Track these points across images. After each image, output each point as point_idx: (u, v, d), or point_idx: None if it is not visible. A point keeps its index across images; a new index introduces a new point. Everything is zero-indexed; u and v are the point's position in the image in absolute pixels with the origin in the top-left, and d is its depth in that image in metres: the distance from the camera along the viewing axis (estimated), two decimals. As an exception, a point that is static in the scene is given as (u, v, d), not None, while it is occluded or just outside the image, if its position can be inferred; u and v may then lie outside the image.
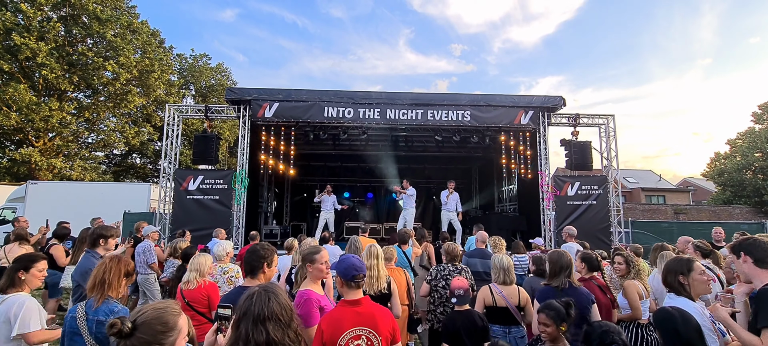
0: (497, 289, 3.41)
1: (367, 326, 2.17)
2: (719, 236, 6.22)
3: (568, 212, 9.33)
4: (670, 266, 2.59)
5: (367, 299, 2.32)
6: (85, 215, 7.85)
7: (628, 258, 3.76)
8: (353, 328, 2.15)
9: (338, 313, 2.23)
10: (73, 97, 20.19)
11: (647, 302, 3.52)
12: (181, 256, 4.88)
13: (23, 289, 2.73)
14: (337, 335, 2.11)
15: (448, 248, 4.35)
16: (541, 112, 9.67)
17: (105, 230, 3.87)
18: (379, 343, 2.17)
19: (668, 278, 2.55)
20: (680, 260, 2.62)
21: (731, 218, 22.33)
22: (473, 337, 3.03)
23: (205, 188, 9.21)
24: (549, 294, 3.07)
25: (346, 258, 2.39)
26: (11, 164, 17.95)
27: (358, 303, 2.25)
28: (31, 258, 2.87)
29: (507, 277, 3.45)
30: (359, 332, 2.15)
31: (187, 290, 3.43)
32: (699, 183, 33.85)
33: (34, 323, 2.55)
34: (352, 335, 2.13)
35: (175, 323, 1.52)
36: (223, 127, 24.53)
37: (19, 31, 16.42)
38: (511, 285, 3.46)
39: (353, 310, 2.22)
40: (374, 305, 2.34)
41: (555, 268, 3.16)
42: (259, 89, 9.48)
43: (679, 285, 2.48)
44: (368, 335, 2.15)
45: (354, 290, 2.29)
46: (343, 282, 2.31)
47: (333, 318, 2.20)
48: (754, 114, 27.34)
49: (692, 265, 2.53)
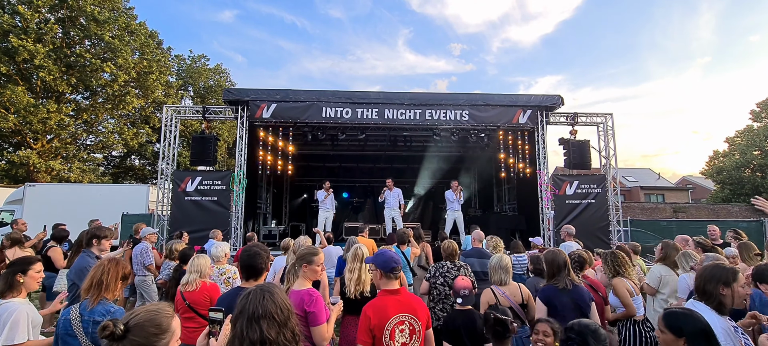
0: (499, 290, 3.40)
1: (409, 313, 2.39)
2: (714, 234, 6.20)
3: (567, 211, 9.32)
4: (713, 273, 2.30)
5: (404, 289, 2.53)
6: (83, 217, 7.83)
7: (606, 256, 3.76)
8: (398, 314, 2.36)
9: (382, 301, 2.41)
10: (71, 99, 20.13)
11: (639, 298, 3.53)
12: (178, 257, 4.86)
13: (21, 292, 2.70)
14: (384, 321, 2.31)
15: (445, 246, 4.36)
16: (539, 111, 9.66)
17: (99, 230, 3.86)
18: (420, 327, 2.40)
19: (708, 286, 2.27)
20: (724, 268, 2.33)
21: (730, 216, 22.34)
22: (473, 337, 3.02)
23: (203, 189, 9.19)
24: (552, 293, 3.07)
25: (383, 252, 2.61)
26: (9, 166, 17.89)
27: (398, 292, 2.46)
28: (27, 261, 2.84)
29: (505, 277, 3.45)
30: (403, 318, 2.36)
31: (188, 292, 3.40)
32: (698, 181, 33.89)
33: (21, 334, 2.48)
34: (397, 320, 2.34)
35: (168, 326, 1.51)
36: (222, 128, 24.50)
37: (17, 33, 16.39)
38: (510, 284, 3.46)
39: (395, 298, 2.42)
40: (410, 294, 2.54)
41: (552, 268, 3.16)
42: (257, 90, 9.46)
43: (719, 296, 2.22)
44: (411, 320, 2.38)
45: (393, 280, 2.49)
46: (383, 274, 2.50)
47: (378, 306, 2.39)
48: (753, 112, 27.37)
49: (737, 275, 2.29)
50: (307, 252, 2.73)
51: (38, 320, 2.66)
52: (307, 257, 2.68)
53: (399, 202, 9.79)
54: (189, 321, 3.32)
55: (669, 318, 1.89)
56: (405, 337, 2.33)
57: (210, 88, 28.16)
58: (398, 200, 9.78)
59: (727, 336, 2.07)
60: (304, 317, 2.38)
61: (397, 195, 9.79)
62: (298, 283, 2.62)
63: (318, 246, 5.01)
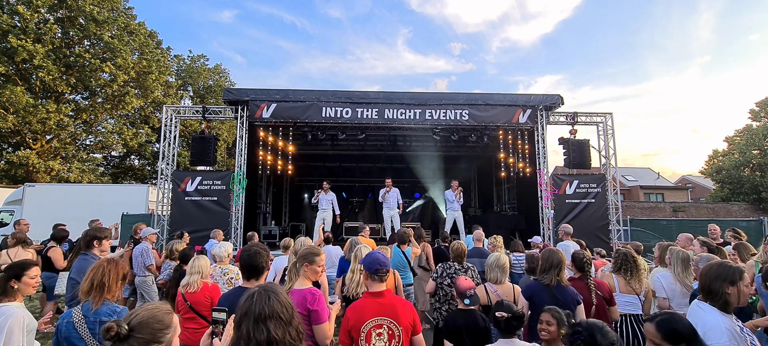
0: (492, 288, 3.41)
1: (389, 316, 2.35)
2: (715, 233, 6.18)
3: (567, 210, 9.33)
4: (717, 272, 2.28)
5: (390, 292, 2.50)
6: (83, 218, 7.82)
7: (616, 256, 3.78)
8: (375, 317, 2.33)
9: (362, 303, 2.43)
10: (71, 99, 20.11)
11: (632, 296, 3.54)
12: (178, 257, 4.85)
13: (16, 298, 2.63)
14: (360, 323, 2.31)
15: (454, 247, 4.36)
16: (539, 110, 9.67)
17: (98, 231, 3.85)
18: (400, 332, 2.33)
19: (713, 285, 2.24)
20: (729, 267, 2.30)
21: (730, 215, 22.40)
22: (475, 337, 3.02)
23: (203, 189, 9.19)
24: (535, 289, 3.09)
25: (372, 254, 2.60)
26: (9, 167, 17.87)
27: (381, 295, 2.43)
28: (22, 265, 2.76)
29: (501, 276, 3.46)
30: (381, 322, 2.33)
31: (189, 292, 3.40)
32: (697, 180, 33.93)
33: (16, 340, 2.43)
34: (374, 323, 2.32)
35: (170, 321, 1.55)
36: (221, 128, 24.49)
37: (16, 33, 16.36)
38: (504, 284, 3.47)
39: (376, 301, 2.40)
40: (396, 297, 2.52)
41: (545, 265, 3.17)
42: (257, 90, 9.45)
43: (724, 295, 2.19)
44: (389, 324, 2.33)
45: (377, 283, 2.47)
46: (368, 275, 2.51)
47: (357, 308, 2.39)
48: (752, 111, 27.42)
49: (743, 274, 2.26)
50: (309, 252, 2.73)
51: (33, 325, 2.60)
52: (309, 256, 2.68)
53: (398, 202, 9.80)
54: (190, 322, 3.32)
55: (662, 325, 1.81)
56: (383, 341, 2.30)
57: (209, 88, 28.15)
58: (397, 200, 9.79)
59: (731, 336, 2.03)
60: (307, 315, 2.39)
61: (396, 195, 9.80)
62: (299, 282, 2.62)
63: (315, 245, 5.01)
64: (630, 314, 3.49)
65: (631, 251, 3.77)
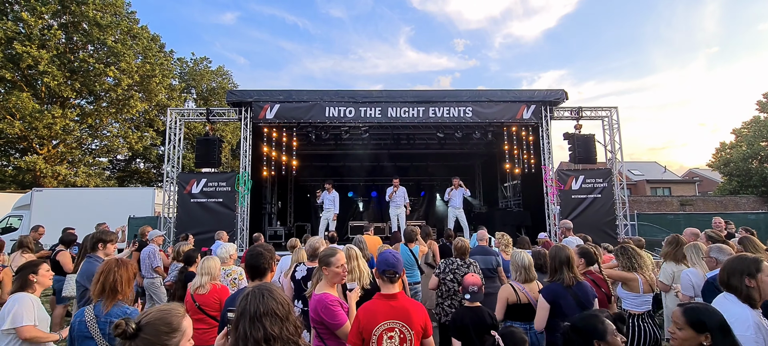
0: (520, 286, 3.39)
1: (401, 320, 2.29)
2: (719, 226, 6.09)
3: (573, 206, 9.27)
4: (735, 266, 2.25)
5: (402, 294, 2.43)
6: (90, 221, 7.88)
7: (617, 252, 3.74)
8: (387, 320, 2.28)
9: (374, 305, 2.36)
10: (76, 104, 20.31)
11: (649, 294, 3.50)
12: (183, 259, 4.88)
13: (35, 290, 2.90)
14: (371, 326, 2.26)
15: (457, 244, 4.39)
16: (543, 106, 9.61)
17: (104, 234, 3.90)
18: (412, 336, 2.28)
19: (732, 280, 2.21)
20: (745, 259, 2.27)
21: (738, 208, 22.16)
22: (481, 334, 3.01)
23: (208, 191, 9.23)
24: (558, 292, 3.04)
25: (386, 253, 2.55)
26: (16, 172, 18.10)
27: (394, 297, 2.37)
28: (35, 263, 3.02)
29: (528, 275, 3.43)
30: (393, 325, 2.28)
31: (199, 294, 3.44)
32: (704, 174, 33.59)
33: (28, 317, 2.68)
34: (385, 327, 2.27)
35: (179, 325, 1.54)
36: (226, 130, 24.60)
37: (21, 39, 16.52)
38: (532, 282, 3.44)
39: (388, 303, 2.34)
40: (409, 299, 2.45)
41: (554, 263, 3.11)
42: (260, 91, 9.48)
43: (746, 288, 2.15)
44: (401, 328, 2.29)
45: (388, 284, 2.42)
46: (378, 275, 2.49)
47: (369, 310, 2.33)
48: (760, 103, 27.04)
49: (760, 265, 2.22)
50: (324, 254, 2.69)
51: (45, 317, 2.83)
52: (324, 259, 2.65)
53: (405, 200, 9.76)
54: (198, 322, 3.35)
55: (690, 313, 1.80)
56: (394, 344, 2.27)
57: (213, 90, 28.29)
58: (404, 199, 9.76)
59: (758, 330, 2.00)
60: (320, 321, 2.41)
61: (403, 194, 9.76)
62: (319, 286, 2.60)
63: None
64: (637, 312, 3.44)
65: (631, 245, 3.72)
